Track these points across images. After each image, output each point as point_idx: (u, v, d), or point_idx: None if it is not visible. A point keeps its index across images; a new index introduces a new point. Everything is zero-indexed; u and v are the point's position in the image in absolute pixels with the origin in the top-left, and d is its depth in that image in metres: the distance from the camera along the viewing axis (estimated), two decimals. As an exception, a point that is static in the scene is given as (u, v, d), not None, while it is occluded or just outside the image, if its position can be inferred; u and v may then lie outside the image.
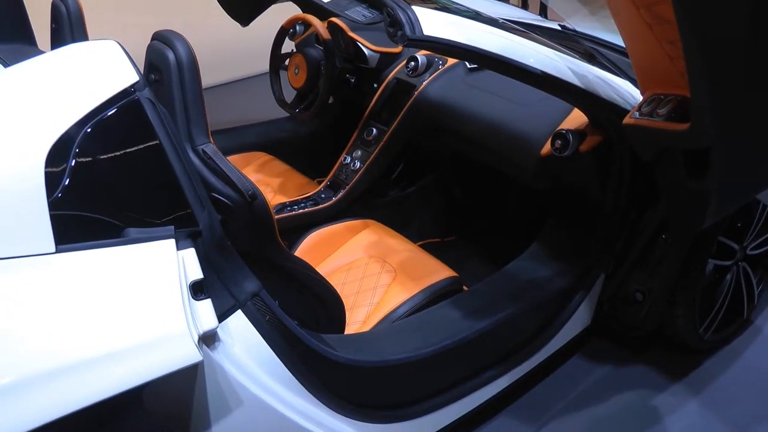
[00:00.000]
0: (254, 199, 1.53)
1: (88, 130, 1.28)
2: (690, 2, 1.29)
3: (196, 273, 1.35)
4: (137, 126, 1.35)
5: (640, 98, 1.85)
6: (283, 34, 3.05)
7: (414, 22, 1.64)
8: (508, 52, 1.81)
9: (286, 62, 3.03)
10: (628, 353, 2.49)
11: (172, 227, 1.34)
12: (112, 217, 1.31)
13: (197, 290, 1.35)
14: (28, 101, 1.30)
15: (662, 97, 1.70)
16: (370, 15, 1.81)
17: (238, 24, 3.23)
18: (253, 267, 1.53)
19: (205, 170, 1.51)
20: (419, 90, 2.71)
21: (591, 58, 2.26)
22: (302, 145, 3.36)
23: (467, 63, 2.66)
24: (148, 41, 1.62)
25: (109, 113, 1.31)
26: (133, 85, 1.35)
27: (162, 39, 1.57)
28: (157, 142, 1.36)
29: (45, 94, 1.32)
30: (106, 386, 1.18)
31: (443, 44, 1.69)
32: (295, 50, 3.04)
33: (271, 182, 2.95)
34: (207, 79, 1.57)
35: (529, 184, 2.37)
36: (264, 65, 3.11)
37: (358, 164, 2.83)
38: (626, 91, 2.07)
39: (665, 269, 2.19)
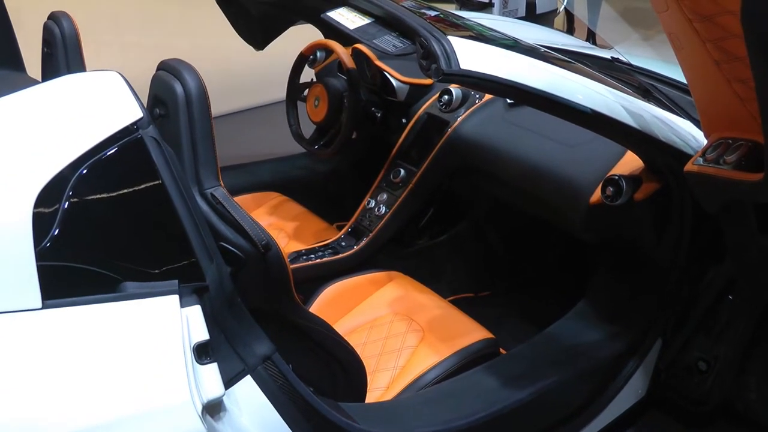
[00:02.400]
0: (268, 250, 1.52)
1: (84, 171, 1.28)
2: (766, 37, 1.27)
3: (202, 334, 1.34)
4: (139, 167, 1.35)
5: (704, 142, 1.83)
6: (302, 61, 3.07)
7: (450, 55, 1.64)
8: (553, 87, 1.80)
9: (305, 93, 3.05)
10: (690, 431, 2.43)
11: (176, 282, 1.33)
12: (108, 269, 1.30)
13: (202, 353, 1.33)
14: (17, 139, 1.30)
15: (730, 141, 1.68)
16: (401, 45, 1.80)
17: (252, 48, 3.26)
18: (265, 326, 1.52)
19: (213, 217, 1.50)
20: (453, 127, 2.70)
21: (647, 94, 2.25)
22: (321, 186, 3.37)
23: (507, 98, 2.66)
24: (151, 64, 1.63)
25: (109, 153, 1.31)
26: (136, 122, 1.35)
27: (169, 69, 1.58)
28: (162, 185, 1.36)
29: (37, 131, 1.32)
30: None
31: (482, 79, 1.68)
32: (315, 79, 3.06)
33: (285, 227, 2.94)
34: (215, 107, 1.57)
35: (576, 236, 2.34)
36: (279, 93, 3.13)
37: (383, 209, 2.82)
38: (688, 133, 2.05)
39: (734, 335, 2.15)
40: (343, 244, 2.80)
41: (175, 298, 1.32)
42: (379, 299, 2.39)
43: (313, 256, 2.70)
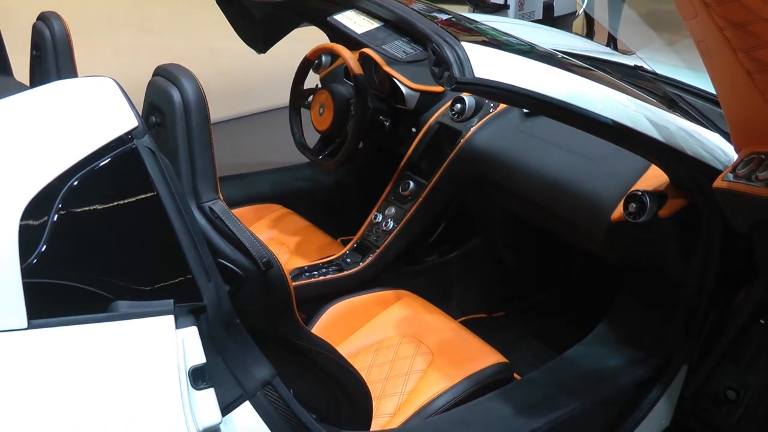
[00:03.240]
0: (269, 267, 1.51)
1: (75, 183, 1.28)
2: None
3: (198, 357, 1.33)
4: (133, 179, 1.35)
5: (734, 156, 1.82)
6: (306, 65, 3.07)
7: (463, 61, 1.64)
8: (572, 96, 1.80)
9: (309, 99, 3.05)
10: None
11: (171, 301, 1.33)
12: (98, 287, 1.29)
13: (198, 378, 1.33)
14: (3, 148, 1.30)
15: (763, 156, 1.67)
16: (411, 51, 1.80)
17: (254, 51, 3.27)
18: (265, 348, 1.52)
19: (211, 232, 1.50)
20: (466, 137, 2.70)
21: (672, 104, 2.24)
22: (325, 198, 3.37)
23: (523, 107, 2.66)
24: (147, 68, 1.63)
25: (101, 164, 1.31)
26: (130, 132, 1.34)
27: (165, 75, 1.58)
28: (157, 198, 1.35)
29: (24, 140, 1.32)
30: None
31: (497, 88, 1.68)
32: (320, 85, 3.06)
33: (287, 241, 2.94)
34: (213, 113, 1.57)
35: (596, 254, 2.34)
36: (281, 99, 3.14)
37: (391, 223, 2.82)
38: (716, 147, 2.04)
39: (766, 362, 2.13)
40: (348, 260, 2.80)
41: (170, 318, 1.31)
42: (385, 320, 2.39)
43: (316, 273, 2.70)
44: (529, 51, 1.93)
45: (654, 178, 2.16)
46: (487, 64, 1.68)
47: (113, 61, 4.48)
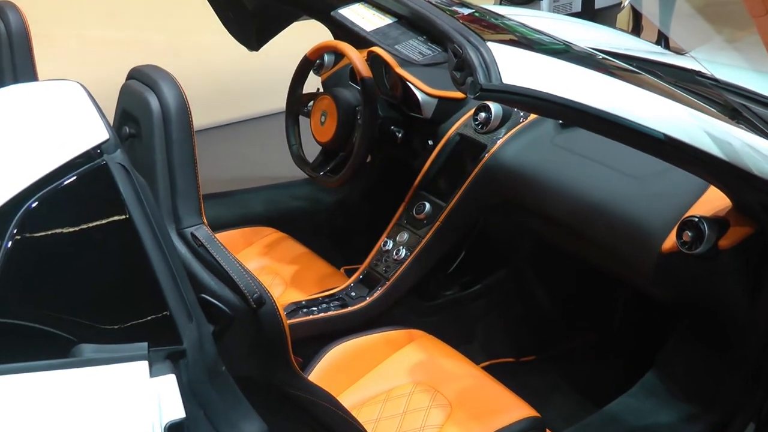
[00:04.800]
0: (261, 305, 1.52)
1: (34, 205, 1.27)
2: None
3: (176, 411, 1.32)
4: (103, 201, 1.35)
5: (810, 178, 1.82)
6: (306, 66, 3.08)
7: (489, 65, 1.63)
8: (616, 105, 1.79)
9: (310, 105, 3.06)
10: None
11: (145, 344, 1.32)
12: (59, 327, 1.29)
13: (176, 435, 1.32)
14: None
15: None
16: (429, 52, 1.80)
17: (245, 48, 3.28)
18: (254, 399, 1.51)
19: (194, 262, 1.50)
20: (491, 152, 2.70)
21: (736, 115, 2.23)
22: (326, 221, 3.37)
23: (559, 117, 2.66)
24: (120, 69, 1.63)
25: (65, 183, 1.30)
26: (99, 145, 1.34)
27: (141, 78, 1.58)
28: (130, 222, 1.35)
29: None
30: None
31: (529, 97, 1.67)
32: (321, 89, 3.07)
33: (281, 271, 2.94)
34: (197, 119, 1.57)
35: (644, 291, 2.33)
36: (275, 104, 3.15)
37: (403, 252, 2.82)
38: (788, 165, 2.03)
39: None
40: (353, 294, 2.80)
41: (144, 365, 1.30)
42: (396, 364, 2.38)
43: (315, 309, 2.70)
44: (566, 51, 1.93)
45: (713, 201, 2.16)
46: (517, 67, 1.68)
47: (80, 60, 4.48)
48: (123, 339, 1.33)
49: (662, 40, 3.26)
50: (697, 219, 2.08)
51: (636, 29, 3.96)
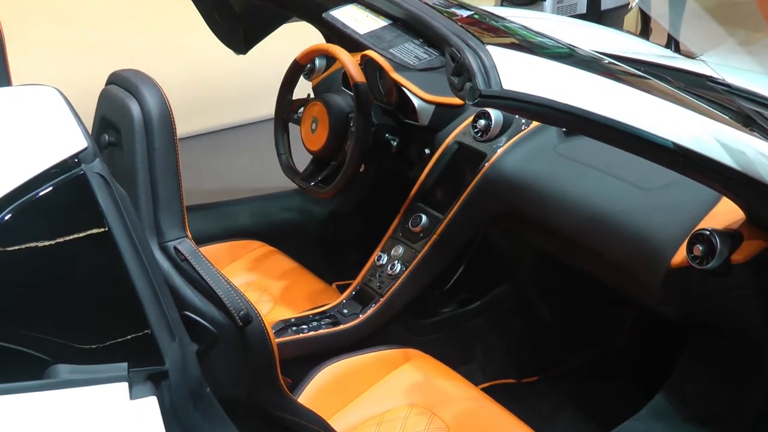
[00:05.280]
0: (247, 323, 1.52)
1: (6, 217, 1.28)
2: None
3: (157, 435, 1.32)
4: (80, 212, 1.35)
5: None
6: (296, 71, 3.09)
7: (489, 70, 1.63)
8: (623, 113, 1.79)
9: (300, 112, 3.06)
10: None
11: (125, 365, 1.32)
12: (33, 346, 1.29)
13: (157, 461, 1.32)
14: None
15: None
16: (425, 56, 1.80)
17: (232, 51, 3.28)
18: (241, 422, 1.51)
19: (177, 278, 1.50)
20: (491, 161, 2.70)
21: (748, 122, 2.23)
22: (316, 233, 3.37)
23: (562, 125, 2.66)
24: (99, 74, 1.63)
25: (41, 194, 1.31)
26: (77, 154, 1.34)
27: (122, 83, 1.58)
28: (109, 235, 1.35)
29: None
30: None
31: (530, 103, 1.67)
32: (312, 95, 3.07)
33: (269, 287, 2.94)
34: (181, 126, 1.57)
35: (652, 308, 2.32)
36: (263, 110, 3.15)
37: (398, 266, 2.82)
38: (805, 175, 2.04)
39: None
40: (345, 311, 2.80)
41: (124, 386, 1.30)
42: (391, 385, 2.38)
43: (305, 327, 2.69)
44: (570, 55, 1.93)
45: (725, 214, 2.16)
46: (518, 72, 1.68)
47: (56, 64, 4.48)
48: (101, 359, 1.33)
49: (672, 43, 3.27)
50: (708, 232, 2.08)
51: (644, 32, 3.98)
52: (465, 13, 1.95)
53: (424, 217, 2.85)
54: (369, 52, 2.88)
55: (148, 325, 1.37)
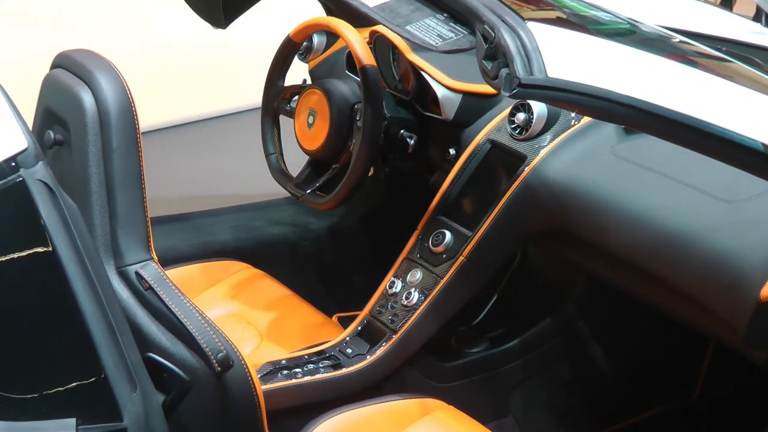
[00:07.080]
0: (227, 368, 1.51)
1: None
2: None
3: None
4: (18, 228, 1.35)
5: None
6: (289, 50, 3.09)
7: (530, 53, 1.63)
8: (698, 105, 1.78)
9: (294, 102, 3.06)
10: None
11: (73, 421, 1.32)
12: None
13: None
14: None
15: None
16: (451, 35, 1.80)
17: (209, 25, 3.28)
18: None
19: (139, 311, 1.50)
20: (533, 165, 2.70)
21: None
22: (314, 253, 3.38)
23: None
24: (42, 52, 1.63)
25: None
26: (14, 157, 1.34)
27: (71, 67, 1.59)
28: (53, 257, 1.35)
29: None
30: None
31: (581, 94, 1.67)
32: (309, 81, 3.07)
33: (255, 320, 2.94)
34: (146, 118, 1.57)
35: (737, 350, 2.32)
36: (249, 98, 3.15)
37: (415, 296, 2.81)
38: None
39: None
40: (349, 351, 2.79)
41: (71, 448, 1.31)
42: (407, 445, 2.38)
43: (299, 371, 2.69)
44: (632, 33, 1.93)
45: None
46: (566, 55, 1.68)
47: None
48: (44, 413, 1.33)
49: (762, 15, 3.27)
50: (809, 257, 2.09)
51: (727, 2, 3.98)
52: (501, -20, 1.95)
53: (447, 234, 2.84)
54: (380, 28, 2.88)
55: (102, 371, 1.37)
